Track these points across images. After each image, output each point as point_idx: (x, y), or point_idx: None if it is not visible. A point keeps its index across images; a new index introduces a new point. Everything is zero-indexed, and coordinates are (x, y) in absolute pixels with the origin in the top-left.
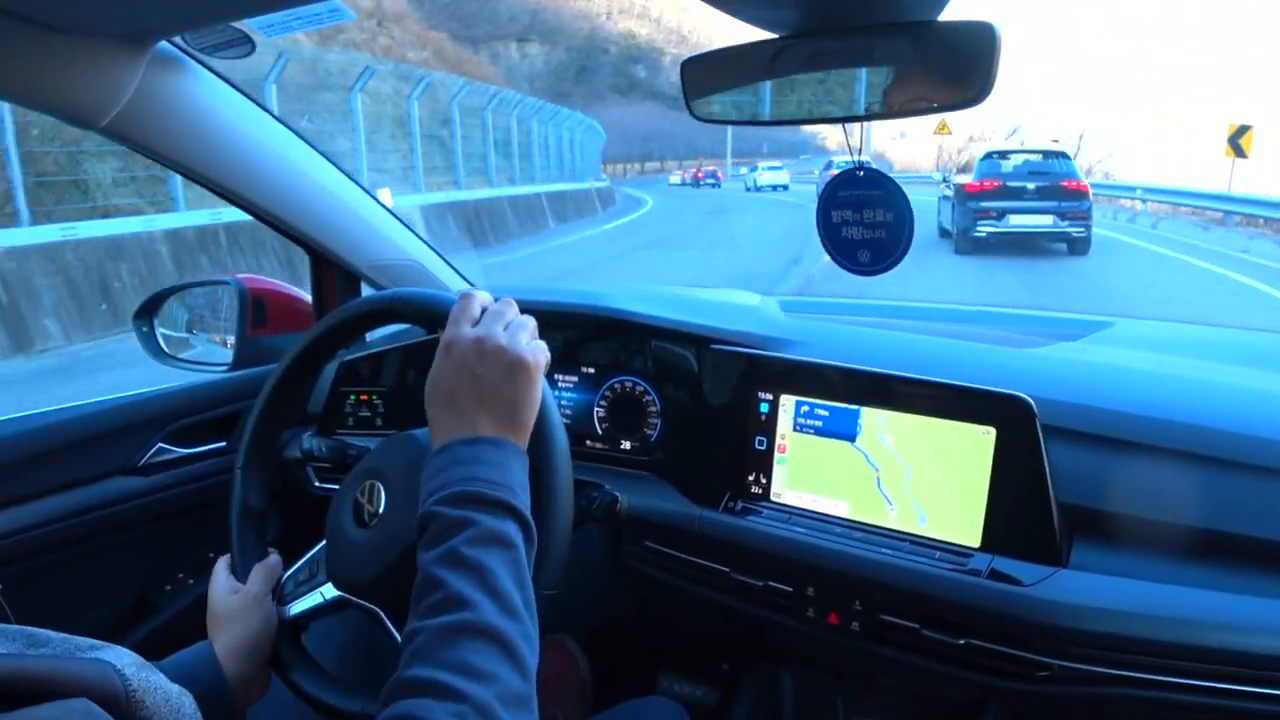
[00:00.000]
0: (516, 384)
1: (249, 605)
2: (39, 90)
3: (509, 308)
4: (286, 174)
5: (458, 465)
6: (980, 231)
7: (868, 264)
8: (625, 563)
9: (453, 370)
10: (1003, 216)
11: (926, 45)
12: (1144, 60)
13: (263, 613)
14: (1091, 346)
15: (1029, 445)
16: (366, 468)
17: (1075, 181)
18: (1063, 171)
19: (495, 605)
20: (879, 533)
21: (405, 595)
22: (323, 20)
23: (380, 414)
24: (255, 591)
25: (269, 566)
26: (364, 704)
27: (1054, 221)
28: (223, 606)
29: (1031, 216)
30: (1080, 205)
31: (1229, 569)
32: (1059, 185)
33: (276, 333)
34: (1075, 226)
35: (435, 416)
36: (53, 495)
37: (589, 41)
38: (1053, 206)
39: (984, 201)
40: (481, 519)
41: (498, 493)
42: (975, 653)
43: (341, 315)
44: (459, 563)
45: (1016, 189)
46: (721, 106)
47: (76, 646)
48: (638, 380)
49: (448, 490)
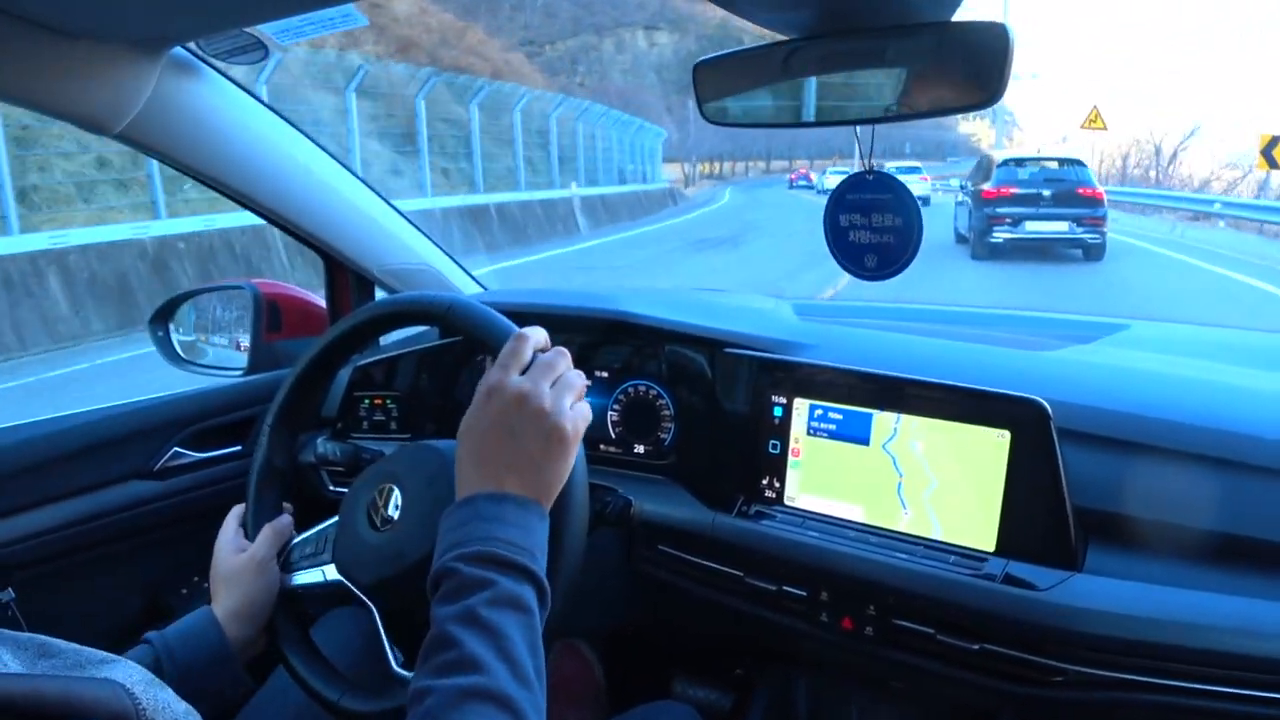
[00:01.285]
0: (551, 451)
1: (254, 569)
2: (54, 96)
3: (561, 359)
4: (300, 179)
5: (480, 522)
6: (996, 237)
7: (874, 269)
8: (639, 567)
9: (490, 421)
10: (1019, 223)
11: (939, 46)
12: (1144, 66)
13: (266, 579)
14: (1106, 349)
15: (1044, 449)
16: (386, 470)
17: (1090, 189)
18: (1078, 179)
19: (509, 672)
20: (893, 537)
21: (401, 602)
22: (336, 25)
23: (395, 418)
24: (261, 556)
25: (279, 529)
26: (342, 695)
27: (1069, 227)
28: (227, 567)
29: (1047, 223)
30: (1095, 211)
31: (1245, 573)
32: (1074, 192)
33: (291, 337)
34: (1090, 233)
35: (463, 461)
36: (68, 499)
37: (721, 30)
38: (1068, 213)
39: (1000, 208)
40: (501, 580)
41: (519, 556)
42: (990, 658)
43: (397, 305)
44: (476, 624)
45: (1032, 195)
46: (734, 109)
47: (87, 659)
48: (651, 384)
49: (468, 548)
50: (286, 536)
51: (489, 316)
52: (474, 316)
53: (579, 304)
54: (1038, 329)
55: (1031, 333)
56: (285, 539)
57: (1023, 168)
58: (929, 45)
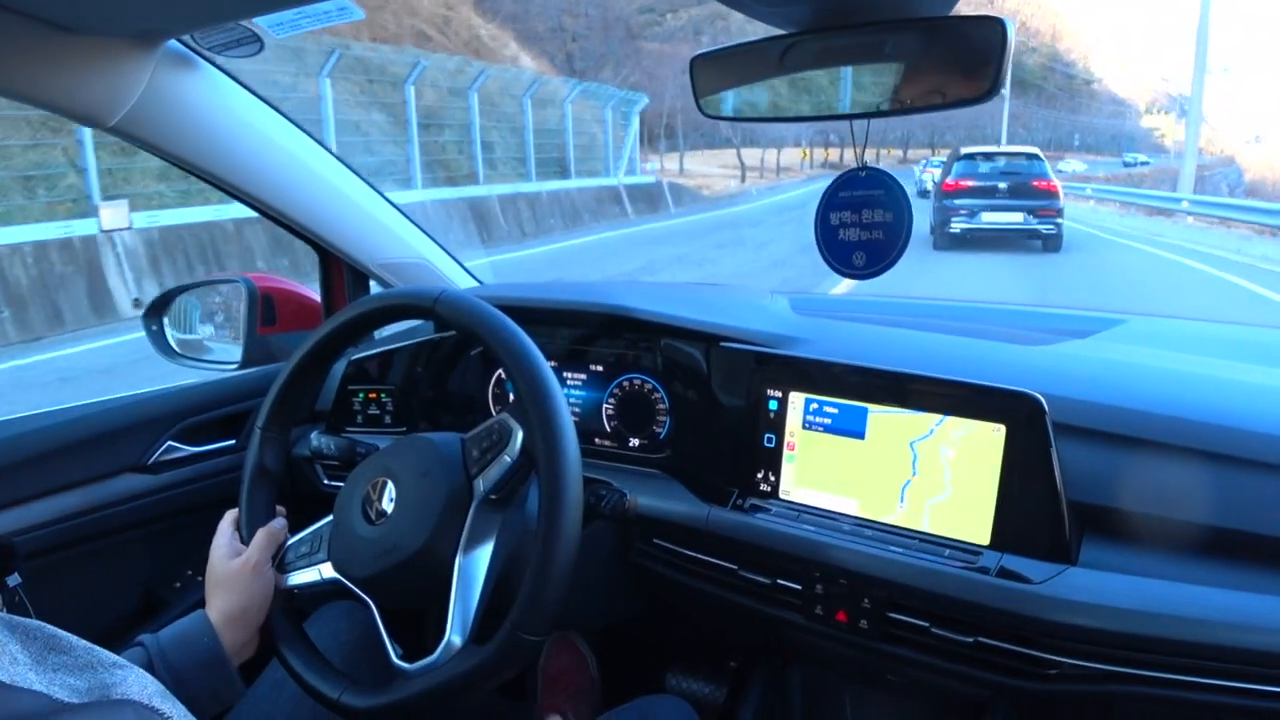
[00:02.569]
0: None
1: (249, 573)
2: (49, 90)
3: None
4: (296, 172)
5: None
6: (954, 228)
7: (862, 267)
8: (634, 560)
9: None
10: (975, 214)
11: (938, 40)
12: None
13: (261, 582)
14: (1102, 343)
15: (1039, 443)
16: (380, 464)
17: (1045, 181)
18: (1034, 172)
19: None
20: (888, 530)
21: (398, 596)
22: (332, 18)
23: (389, 412)
24: (256, 560)
25: (273, 532)
26: (342, 692)
27: (1024, 219)
28: (223, 570)
29: (1002, 214)
30: (1049, 204)
31: (1239, 567)
32: (1029, 185)
33: (285, 331)
34: (1045, 224)
35: None
36: (63, 492)
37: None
38: (1022, 204)
39: (958, 199)
40: None
41: None
42: (984, 651)
43: (385, 301)
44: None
45: (988, 188)
46: (731, 104)
47: (98, 661)
48: (646, 378)
49: None
50: (281, 539)
51: (479, 309)
52: (463, 310)
53: (575, 298)
54: (1034, 323)
55: (1028, 327)
56: (280, 541)
57: (980, 161)
58: (927, 40)
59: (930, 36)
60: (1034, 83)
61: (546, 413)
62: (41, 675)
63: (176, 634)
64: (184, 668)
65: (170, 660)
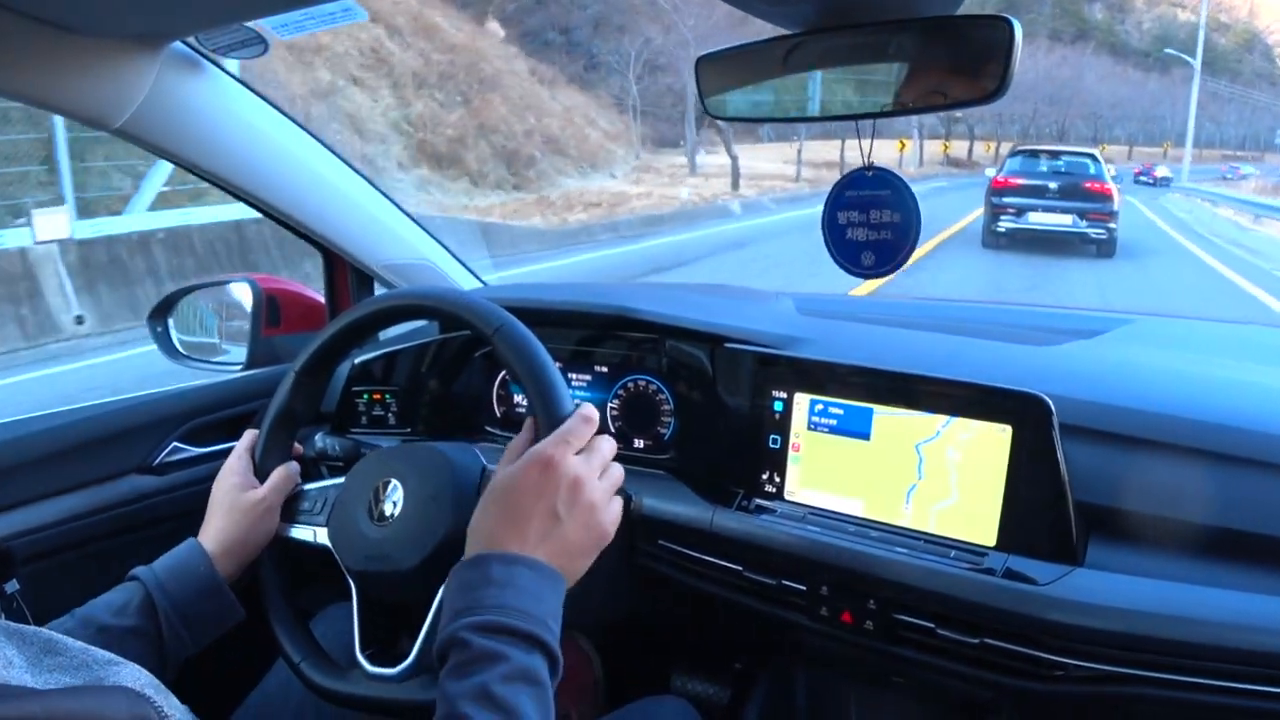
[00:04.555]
0: (588, 543)
1: (259, 511)
2: (54, 92)
3: (609, 447)
4: (300, 173)
5: (491, 588)
6: (1001, 226)
7: (871, 266)
8: (638, 561)
9: (537, 493)
10: (1022, 213)
11: (943, 40)
12: None
13: (267, 522)
14: (1110, 344)
15: (1045, 444)
16: (392, 464)
17: (1099, 184)
18: (1087, 173)
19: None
20: (893, 531)
21: (380, 594)
22: (336, 20)
23: (393, 413)
24: (270, 502)
25: (289, 474)
26: (304, 660)
27: (1073, 221)
28: (232, 499)
29: (1050, 215)
30: (1102, 207)
31: (1246, 568)
32: (1080, 186)
33: (290, 332)
34: (1096, 228)
35: (492, 517)
36: (68, 494)
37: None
38: (1072, 206)
39: (1006, 198)
40: (513, 654)
41: (531, 626)
42: (990, 652)
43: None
44: (490, 702)
45: (1038, 187)
46: (736, 103)
47: (93, 659)
48: (651, 379)
49: (478, 617)
50: (293, 484)
51: (557, 383)
52: (546, 382)
53: (580, 299)
54: (1041, 323)
55: (1034, 327)
56: (291, 486)
57: (1035, 159)
58: (932, 40)
59: (936, 36)
60: (1227, 66)
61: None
62: (37, 677)
63: (171, 565)
64: (184, 597)
65: (169, 590)
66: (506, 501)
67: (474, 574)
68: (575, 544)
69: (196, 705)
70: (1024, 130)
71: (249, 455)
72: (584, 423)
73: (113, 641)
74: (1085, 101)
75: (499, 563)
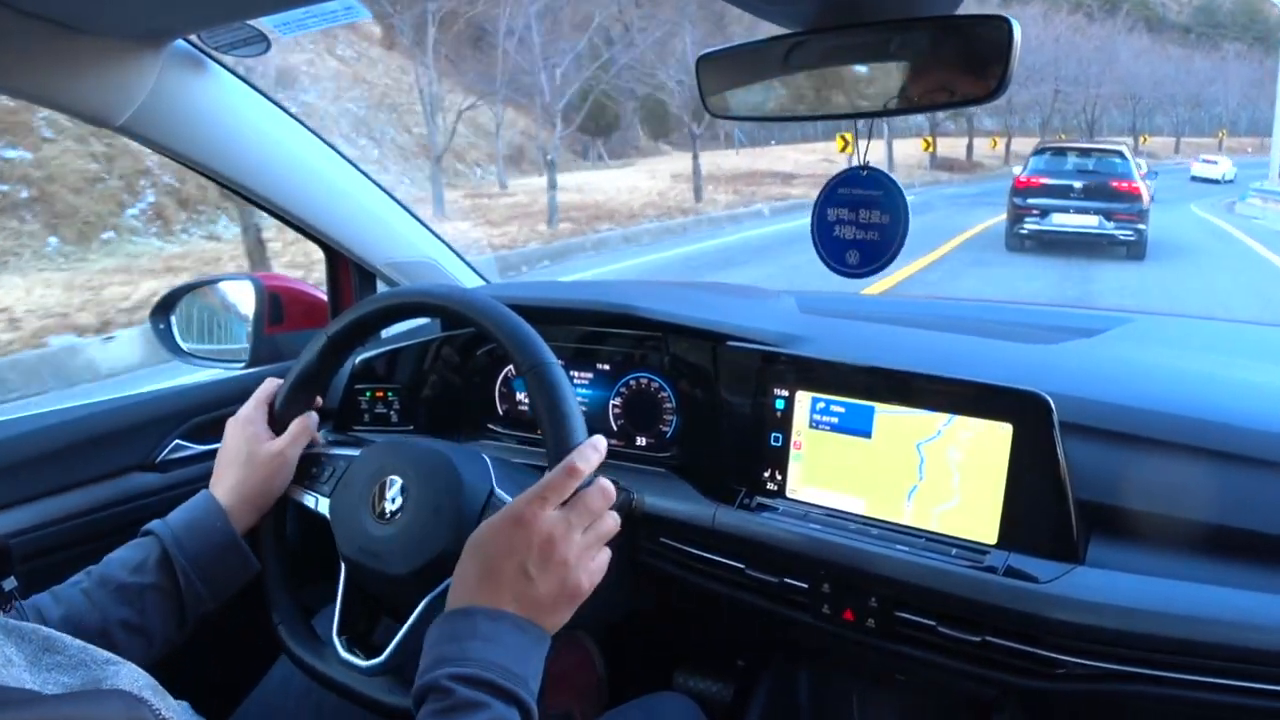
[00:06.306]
0: (560, 601)
1: (278, 462)
2: (56, 90)
3: (600, 499)
4: (302, 171)
5: (476, 640)
6: (1024, 228)
7: (855, 266)
8: (640, 559)
9: (508, 551)
10: (1046, 214)
11: (943, 39)
12: None
13: (284, 473)
14: (1110, 342)
15: (1046, 442)
16: (390, 462)
17: (1127, 183)
18: (1114, 172)
19: None
20: (895, 529)
21: (368, 586)
22: (338, 18)
23: (396, 410)
24: (291, 455)
25: (308, 429)
26: (281, 622)
27: (1099, 223)
28: (250, 448)
29: (1075, 216)
30: (1130, 207)
31: (1247, 566)
32: (1106, 185)
33: (293, 330)
34: (1123, 229)
35: (468, 572)
36: (69, 491)
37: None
38: (1098, 206)
39: (1030, 198)
40: (494, 705)
41: (511, 684)
42: (992, 650)
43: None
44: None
45: (1062, 187)
46: (737, 102)
47: (91, 659)
48: (653, 377)
49: (462, 669)
50: (309, 438)
51: (572, 409)
52: (562, 409)
53: (582, 296)
54: (1042, 322)
55: (1036, 326)
56: (309, 439)
57: (1060, 157)
58: (932, 39)
59: (936, 35)
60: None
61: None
62: (36, 675)
63: (187, 519)
64: (200, 552)
65: (185, 546)
66: (481, 556)
67: (462, 626)
68: (547, 602)
69: (196, 705)
70: (1045, 121)
71: (267, 405)
72: (566, 476)
73: (131, 598)
74: (1120, 80)
75: (485, 618)
